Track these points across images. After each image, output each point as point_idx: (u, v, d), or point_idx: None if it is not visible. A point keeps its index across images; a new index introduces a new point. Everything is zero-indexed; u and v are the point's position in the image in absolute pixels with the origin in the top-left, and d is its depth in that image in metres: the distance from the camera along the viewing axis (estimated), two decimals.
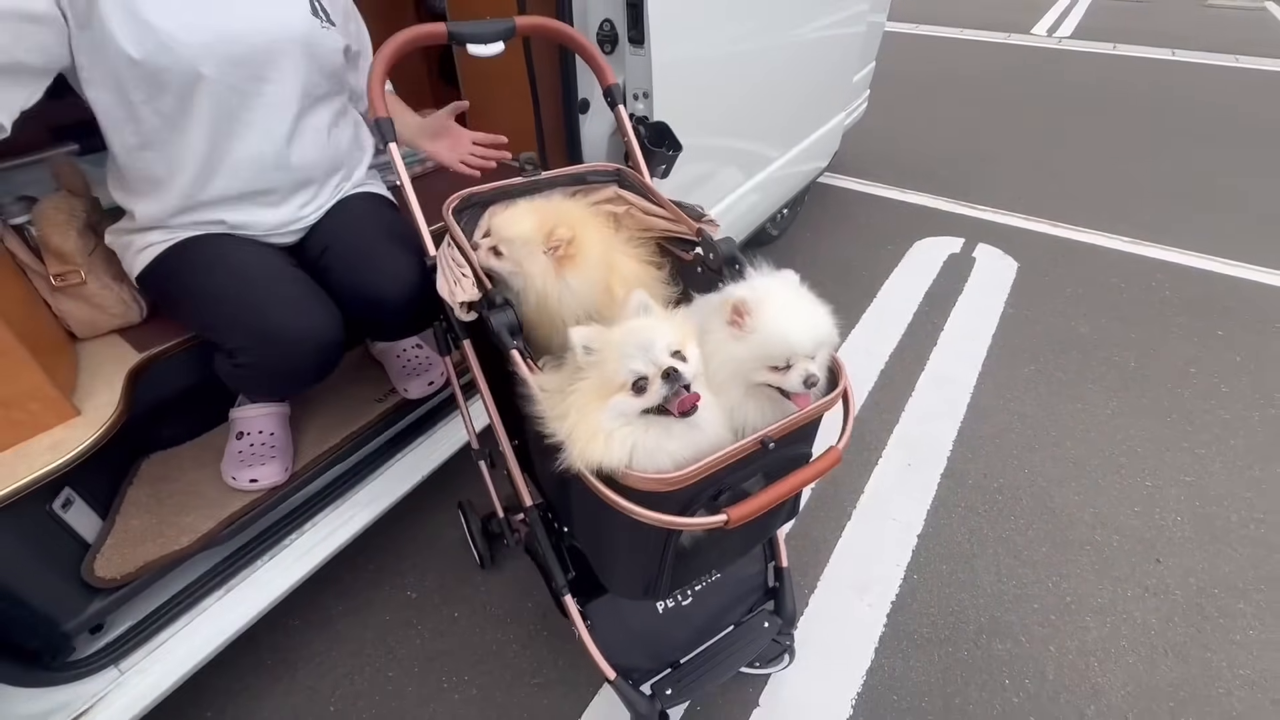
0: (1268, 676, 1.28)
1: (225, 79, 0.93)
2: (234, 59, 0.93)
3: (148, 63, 0.87)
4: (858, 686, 1.26)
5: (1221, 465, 1.73)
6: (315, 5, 1.03)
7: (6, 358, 0.85)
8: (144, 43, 0.86)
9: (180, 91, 0.91)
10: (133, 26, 0.85)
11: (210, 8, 0.90)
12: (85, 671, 0.94)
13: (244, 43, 0.93)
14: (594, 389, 0.73)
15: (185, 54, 0.88)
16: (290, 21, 0.98)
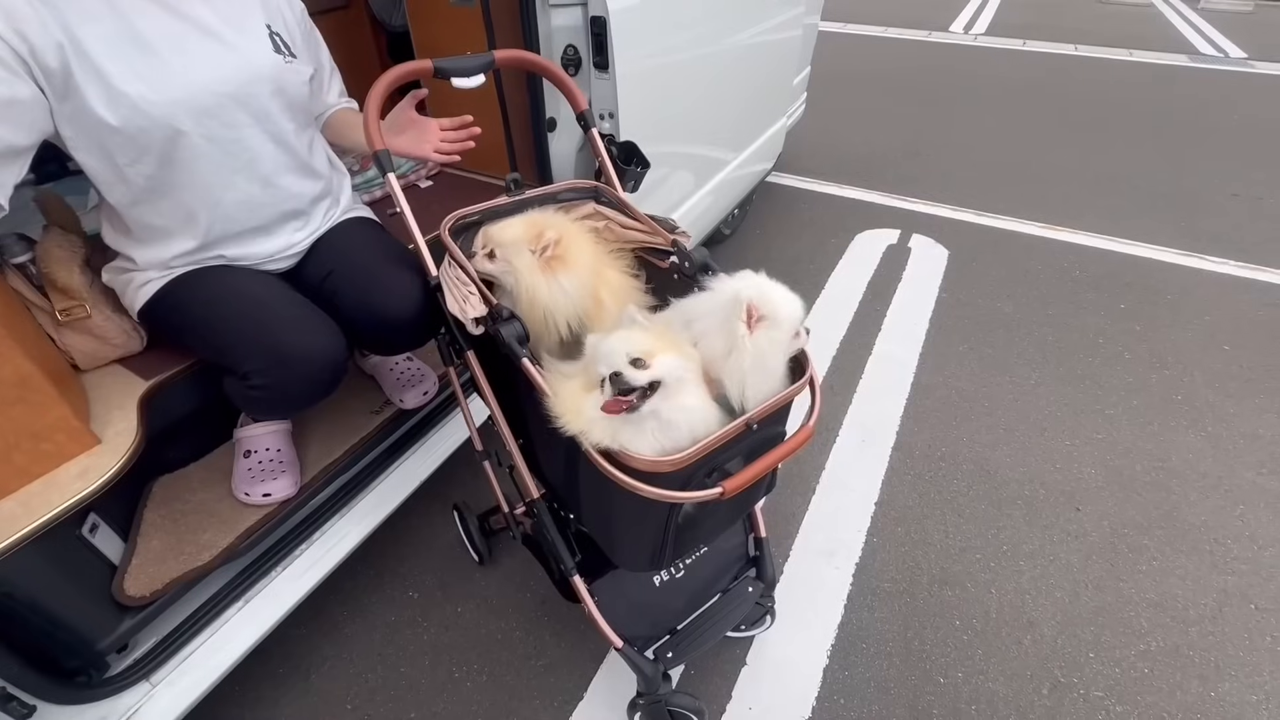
0: (1167, 597, 1.51)
1: (202, 131, 0.97)
2: (207, 110, 0.97)
3: (127, 127, 0.91)
4: (831, 639, 1.42)
5: (1127, 423, 1.99)
6: (277, 42, 1.07)
7: (37, 393, 0.89)
8: (119, 108, 0.90)
9: (162, 150, 0.95)
10: (106, 95, 0.89)
11: (175, 66, 0.94)
12: (120, 686, 0.99)
13: (213, 93, 0.97)
14: (583, 385, 0.86)
15: (159, 114, 0.92)
16: (255, 64, 1.02)
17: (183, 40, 0.94)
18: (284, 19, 1.09)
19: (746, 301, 0.87)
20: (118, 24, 0.89)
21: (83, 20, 0.86)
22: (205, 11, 0.98)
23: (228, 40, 0.99)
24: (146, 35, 0.91)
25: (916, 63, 5.97)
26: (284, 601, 1.21)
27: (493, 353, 1.04)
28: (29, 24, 0.82)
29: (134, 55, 0.90)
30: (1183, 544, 1.63)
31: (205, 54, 0.97)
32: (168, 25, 0.94)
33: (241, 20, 1.02)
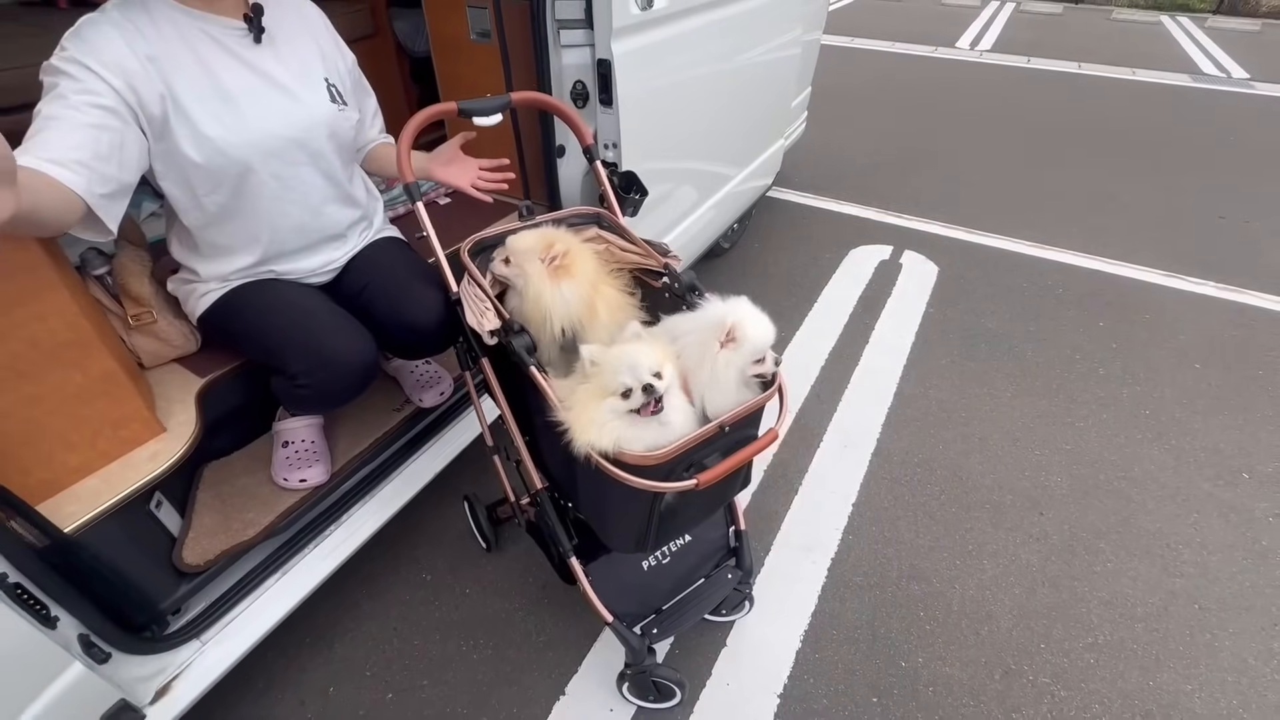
0: (1118, 596, 1.63)
1: (268, 168, 1.14)
2: (273, 151, 1.14)
3: (208, 164, 1.08)
4: (805, 625, 1.56)
5: (1095, 435, 2.11)
6: (333, 93, 1.24)
7: (118, 388, 1.05)
8: (203, 148, 1.07)
9: (234, 183, 1.12)
10: (193, 137, 1.06)
11: (250, 114, 1.11)
12: (177, 642, 1.15)
13: (280, 138, 1.14)
14: (593, 392, 1.00)
15: (235, 154, 1.09)
16: (315, 113, 1.19)
17: (257, 93, 1.11)
18: (338, 71, 1.26)
19: (731, 324, 1.01)
20: (206, 78, 1.06)
21: (179, 75, 1.03)
22: (276, 67, 1.14)
23: (293, 93, 1.16)
24: (228, 87, 1.08)
25: (920, 78, 6.09)
26: (315, 575, 1.36)
27: (504, 360, 1.19)
28: (139, 79, 0.98)
29: (217, 104, 1.07)
30: (1136, 548, 1.75)
31: (275, 104, 1.13)
32: (245, 79, 1.10)
33: (305, 75, 1.19)
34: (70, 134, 0.90)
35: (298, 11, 1.22)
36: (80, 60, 0.94)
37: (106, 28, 0.98)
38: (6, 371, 0.93)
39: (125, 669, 1.07)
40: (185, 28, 1.05)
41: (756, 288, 2.83)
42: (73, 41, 0.96)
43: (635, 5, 1.54)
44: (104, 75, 0.95)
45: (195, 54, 1.06)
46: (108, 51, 0.96)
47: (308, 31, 1.22)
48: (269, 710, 1.40)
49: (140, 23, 1.01)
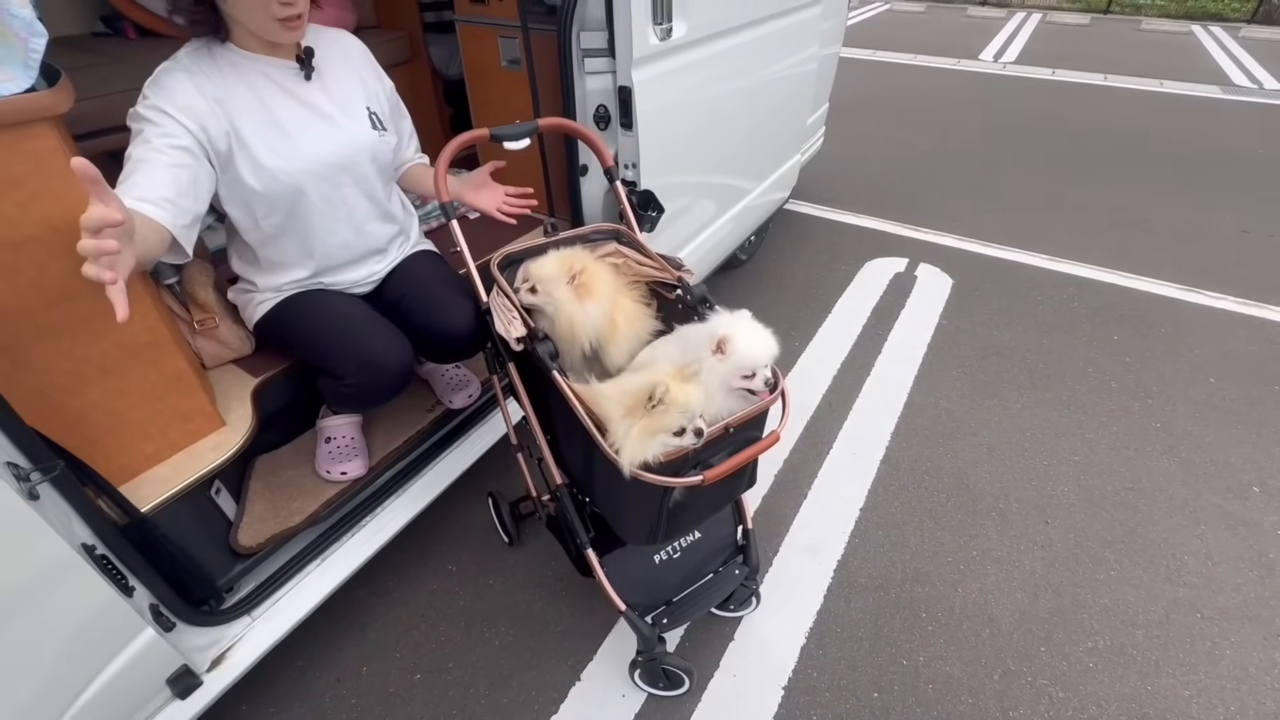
0: (1120, 603, 1.67)
1: (318, 191, 1.28)
2: (322, 176, 1.28)
3: (266, 191, 1.22)
4: (810, 623, 1.63)
5: (1105, 447, 2.15)
6: (374, 120, 1.37)
7: (187, 385, 1.18)
8: (261, 177, 1.21)
9: (288, 206, 1.26)
10: (253, 167, 1.20)
11: (301, 144, 1.24)
12: (231, 617, 1.27)
13: (328, 164, 1.28)
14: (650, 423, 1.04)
15: (289, 180, 1.23)
16: (358, 141, 1.32)
17: (307, 124, 1.25)
18: (378, 99, 1.40)
19: (722, 334, 1.11)
20: (264, 113, 1.20)
21: (241, 112, 1.17)
22: (323, 100, 1.28)
23: (338, 123, 1.29)
24: (283, 121, 1.22)
25: (942, 91, 6.12)
26: (352, 562, 1.47)
27: (528, 365, 1.30)
28: (208, 119, 1.12)
29: (274, 137, 1.20)
30: (1141, 557, 1.79)
31: (323, 134, 1.27)
32: (297, 112, 1.24)
33: (349, 105, 1.32)
34: (157, 175, 1.04)
35: (341, 46, 1.36)
36: (160, 107, 1.08)
37: (179, 75, 1.12)
38: (97, 369, 1.07)
39: (187, 638, 1.19)
40: (246, 70, 1.19)
41: (772, 299, 2.91)
42: (152, 89, 1.10)
43: (655, 35, 1.65)
44: (180, 119, 1.09)
45: (254, 93, 1.20)
46: (182, 96, 1.10)
47: (350, 65, 1.36)
48: (308, 685, 1.52)
49: (207, 67, 1.16)
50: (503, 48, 2.04)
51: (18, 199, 0.91)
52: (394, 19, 2.50)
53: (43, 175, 0.92)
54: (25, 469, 0.88)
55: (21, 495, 0.85)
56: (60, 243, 0.97)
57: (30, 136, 0.89)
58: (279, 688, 1.51)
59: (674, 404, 1.04)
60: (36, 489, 0.89)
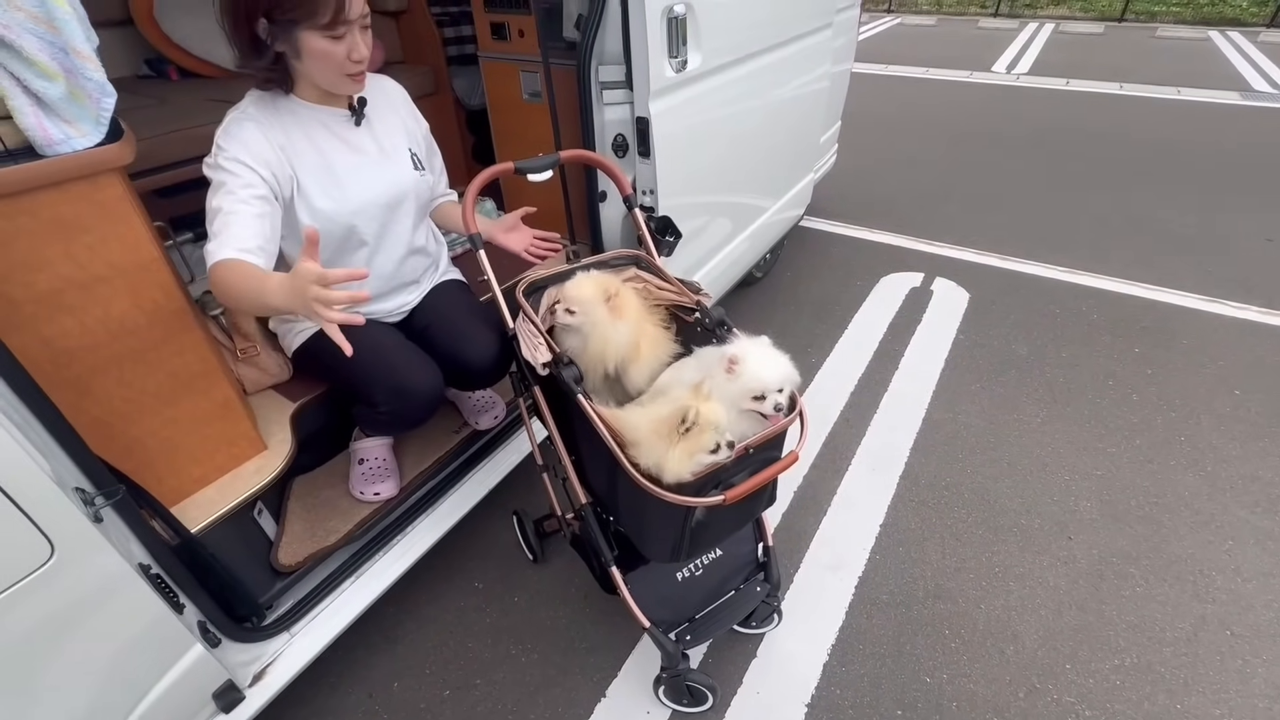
0: (1146, 620, 1.66)
1: (365, 228, 1.36)
2: (369, 215, 1.36)
3: (319, 229, 1.27)
4: (832, 639, 1.64)
5: (1127, 461, 2.13)
6: (415, 160, 1.46)
7: (233, 411, 1.25)
8: (317, 218, 1.29)
9: (338, 244, 1.35)
10: (309, 209, 1.28)
11: (351, 187, 1.32)
12: (271, 633, 1.32)
13: (375, 204, 1.36)
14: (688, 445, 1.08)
15: (340, 219, 1.32)
16: (402, 181, 1.41)
17: (357, 168, 1.33)
18: (417, 139, 1.48)
19: (731, 354, 1.15)
20: (319, 159, 1.28)
21: (300, 158, 1.26)
22: (371, 144, 1.37)
23: (384, 166, 1.38)
24: (335, 165, 1.30)
25: (954, 104, 6.15)
26: (384, 580, 1.52)
27: (552, 387, 1.35)
28: (277, 166, 1.21)
29: (327, 180, 1.29)
30: (1167, 573, 1.77)
31: (371, 177, 1.35)
32: (347, 157, 1.33)
33: (393, 149, 1.41)
34: (250, 225, 1.14)
35: (384, 91, 1.45)
36: (238, 158, 1.16)
37: (249, 125, 1.20)
38: (153, 398, 1.14)
39: (232, 654, 1.25)
40: (305, 118, 1.28)
41: (788, 315, 2.94)
42: (226, 140, 1.18)
43: (670, 68, 1.71)
44: (257, 169, 1.17)
45: (311, 139, 1.28)
46: (254, 146, 1.18)
47: (392, 108, 1.44)
48: (340, 701, 1.56)
49: (271, 116, 1.24)
50: (524, 82, 2.13)
51: (88, 243, 0.98)
52: (419, 54, 2.61)
53: (110, 221, 1.00)
54: (91, 493, 0.95)
55: (88, 518, 0.92)
56: (123, 281, 1.04)
57: (100, 186, 0.97)
58: (314, 704, 1.55)
59: (706, 424, 1.08)
60: (101, 512, 0.95)
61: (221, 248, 1.10)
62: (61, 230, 0.95)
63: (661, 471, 1.08)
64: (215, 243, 1.12)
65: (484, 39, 2.18)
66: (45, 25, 0.86)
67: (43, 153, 0.91)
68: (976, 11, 11.47)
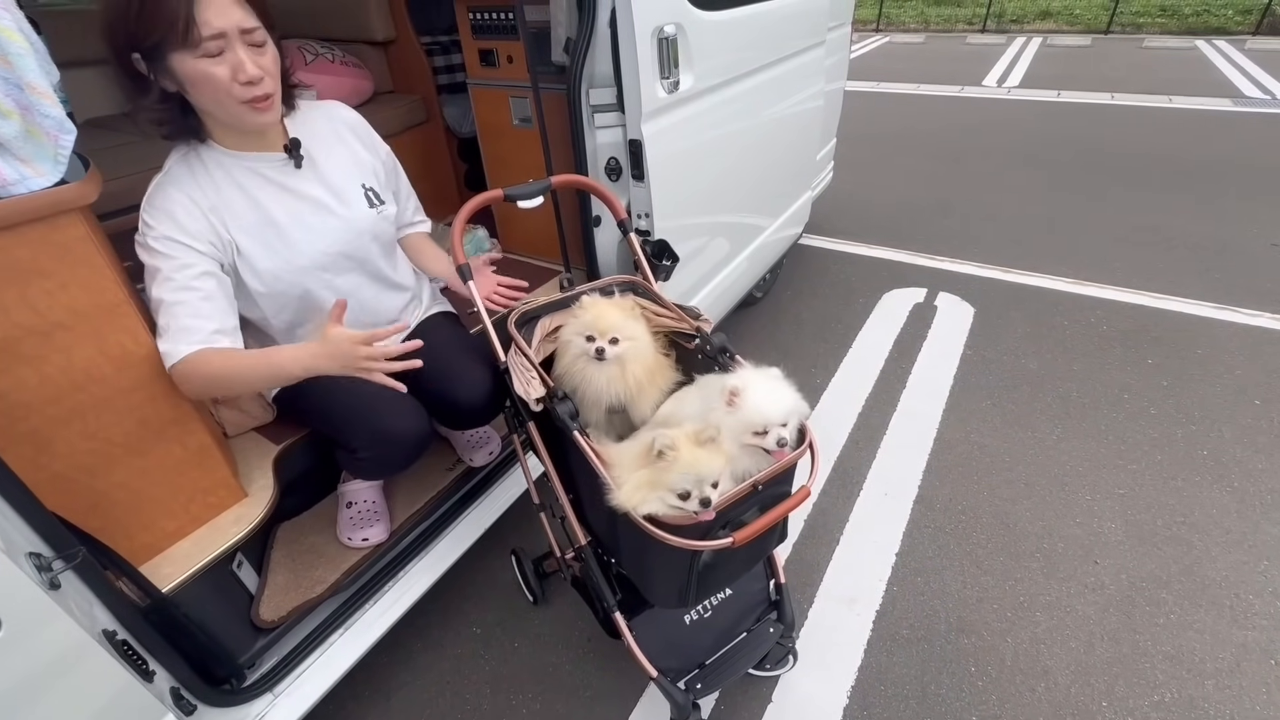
0: (1184, 651, 1.57)
1: (321, 283, 1.27)
2: (324, 267, 1.27)
3: (270, 292, 1.22)
4: (851, 681, 1.55)
5: (1150, 478, 2.05)
6: (370, 197, 1.32)
7: (209, 459, 1.18)
8: (264, 280, 1.20)
9: (296, 304, 1.26)
10: (252, 272, 1.18)
11: (298, 240, 1.22)
12: (253, 695, 1.23)
13: (327, 254, 1.26)
14: (651, 475, 1.02)
15: (290, 278, 1.22)
16: (357, 224, 1.30)
17: (301, 217, 1.22)
18: (374, 170, 1.36)
19: (731, 385, 1.08)
20: (257, 214, 1.18)
21: (234, 218, 1.15)
22: (316, 188, 1.25)
23: (334, 210, 1.27)
24: (276, 218, 1.19)
25: (947, 119, 6.16)
26: (375, 630, 1.44)
27: (548, 422, 1.27)
28: (212, 234, 1.12)
29: (270, 237, 1.18)
30: (1202, 598, 1.68)
31: (319, 225, 1.24)
32: (290, 205, 1.22)
33: (343, 189, 1.29)
34: (200, 311, 1.07)
35: (330, 120, 1.32)
36: (170, 237, 1.07)
37: (172, 191, 1.09)
38: (121, 449, 1.07)
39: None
40: (232, 169, 1.16)
41: (790, 335, 2.88)
42: (152, 215, 1.08)
43: (662, 89, 1.67)
44: (191, 244, 1.08)
45: (244, 192, 1.17)
46: (182, 217, 1.08)
47: (340, 140, 1.32)
48: None
49: (199, 174, 1.13)
50: (514, 107, 2.09)
51: (47, 288, 0.93)
52: (409, 83, 2.58)
53: (71, 264, 0.94)
54: (48, 558, 0.88)
55: (43, 586, 0.84)
56: (87, 327, 0.98)
57: (59, 227, 0.91)
58: None
59: (678, 462, 1.00)
60: (58, 578, 0.88)
61: (177, 345, 1.04)
62: (16, 275, 0.89)
63: (617, 493, 1.00)
64: (168, 340, 1.05)
65: (472, 66, 2.15)
66: None
67: None
68: (964, 28, 11.63)
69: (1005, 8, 11.84)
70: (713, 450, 1.02)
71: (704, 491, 1.00)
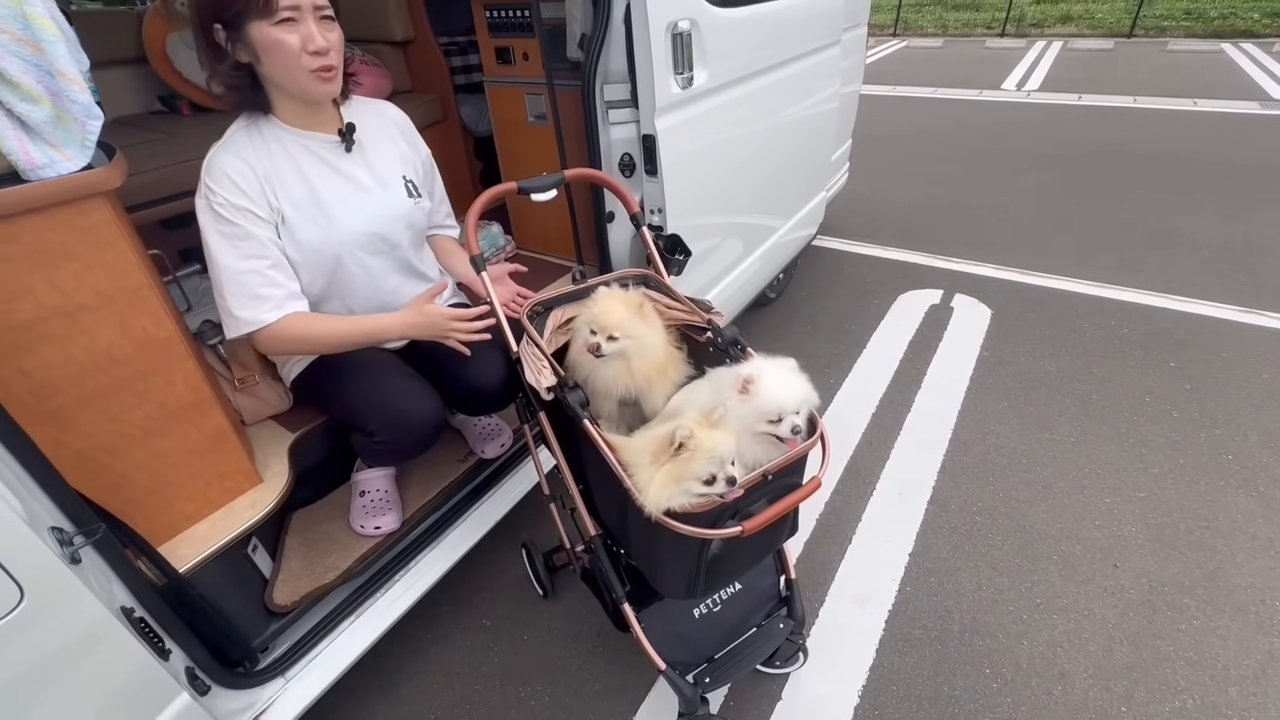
0: (1207, 657, 1.53)
1: (354, 258, 1.32)
2: (359, 245, 1.32)
3: (306, 261, 1.26)
4: (863, 680, 1.53)
5: (1172, 482, 2.01)
6: (410, 188, 1.40)
7: (226, 443, 1.20)
8: (302, 250, 1.25)
9: (328, 273, 1.31)
10: (293, 241, 1.24)
11: (339, 216, 1.27)
12: (266, 678, 1.25)
13: (363, 232, 1.31)
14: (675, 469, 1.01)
15: (328, 250, 1.27)
16: (394, 209, 1.36)
17: (345, 196, 1.29)
18: (414, 166, 1.44)
19: (745, 374, 1.08)
20: (305, 188, 1.24)
21: (286, 190, 1.22)
22: (362, 172, 1.32)
23: (375, 193, 1.33)
24: (321, 193, 1.26)
25: (965, 122, 6.11)
26: (385, 619, 1.45)
27: (559, 413, 1.28)
28: (267, 198, 1.19)
29: (312, 210, 1.25)
30: (1226, 604, 1.64)
31: (360, 204, 1.31)
32: (335, 184, 1.28)
33: (386, 176, 1.36)
34: (272, 278, 1.19)
35: (380, 116, 1.41)
36: (235, 204, 1.15)
37: (231, 157, 1.16)
38: (141, 431, 1.09)
39: (221, 702, 1.17)
40: (288, 143, 1.24)
41: (803, 336, 2.87)
42: (214, 179, 1.14)
43: (676, 85, 1.68)
44: (256, 210, 1.17)
45: (296, 166, 1.24)
46: (244, 184, 1.16)
47: (388, 135, 1.39)
48: None
49: (255, 141, 1.21)
50: (529, 104, 2.11)
51: (73, 270, 0.95)
52: (427, 83, 2.62)
53: (97, 247, 0.96)
54: (69, 533, 0.90)
55: (64, 560, 0.86)
56: (110, 310, 1.01)
57: (86, 211, 0.94)
58: None
59: (700, 449, 1.00)
60: (79, 553, 0.90)
61: (259, 313, 1.16)
62: (45, 257, 0.92)
63: (642, 497, 1.00)
64: (248, 308, 1.16)
65: (489, 64, 2.17)
66: (30, 48, 0.84)
67: (26, 177, 0.88)
68: (983, 32, 11.54)
69: (1025, 12, 11.73)
70: (725, 430, 1.02)
71: (728, 471, 1.00)
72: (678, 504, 1.00)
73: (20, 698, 0.85)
